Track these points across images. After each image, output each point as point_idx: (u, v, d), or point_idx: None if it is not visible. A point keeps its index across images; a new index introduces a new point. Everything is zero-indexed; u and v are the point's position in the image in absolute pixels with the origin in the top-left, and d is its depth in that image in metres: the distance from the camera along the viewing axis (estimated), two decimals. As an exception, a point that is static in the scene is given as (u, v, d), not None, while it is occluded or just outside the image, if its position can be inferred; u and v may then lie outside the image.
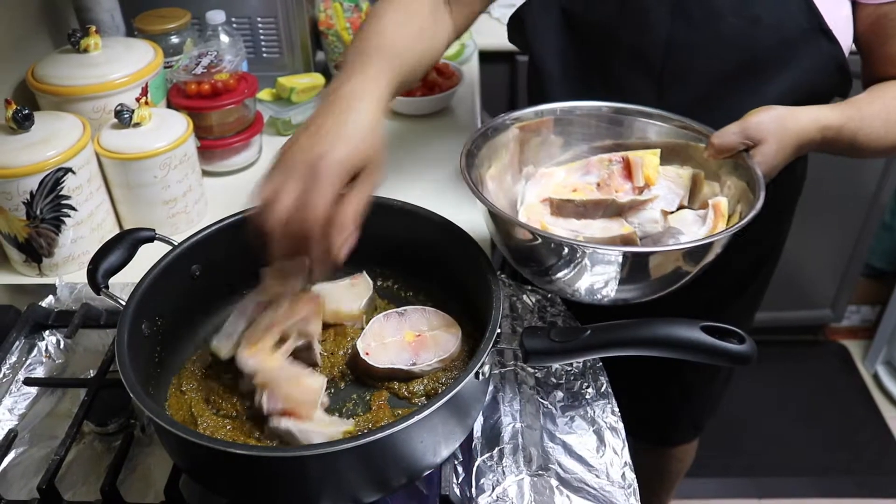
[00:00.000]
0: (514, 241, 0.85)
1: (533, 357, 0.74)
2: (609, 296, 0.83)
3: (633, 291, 0.84)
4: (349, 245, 0.72)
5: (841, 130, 0.88)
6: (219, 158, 1.30)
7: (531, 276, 0.88)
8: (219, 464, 0.69)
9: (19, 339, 0.95)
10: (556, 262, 0.81)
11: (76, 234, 1.07)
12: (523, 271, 0.89)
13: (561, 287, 0.85)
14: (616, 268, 0.79)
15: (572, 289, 0.84)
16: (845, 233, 2.24)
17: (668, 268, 0.81)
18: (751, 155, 0.86)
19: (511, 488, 0.78)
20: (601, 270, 0.79)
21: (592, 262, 0.78)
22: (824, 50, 0.92)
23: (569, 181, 0.95)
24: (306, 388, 0.75)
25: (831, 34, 0.91)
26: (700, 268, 0.83)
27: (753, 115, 0.87)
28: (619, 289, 0.82)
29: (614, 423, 0.85)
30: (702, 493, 2.08)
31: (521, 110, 0.97)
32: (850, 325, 2.55)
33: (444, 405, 0.67)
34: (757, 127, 0.86)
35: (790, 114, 0.87)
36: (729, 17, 0.92)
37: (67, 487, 0.79)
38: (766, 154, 0.86)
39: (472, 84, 1.56)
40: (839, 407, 2.33)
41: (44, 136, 1.02)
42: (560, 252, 0.79)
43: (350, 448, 0.63)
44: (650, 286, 0.83)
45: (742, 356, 0.69)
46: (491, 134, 0.94)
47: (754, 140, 0.86)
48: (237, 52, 1.33)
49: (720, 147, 0.88)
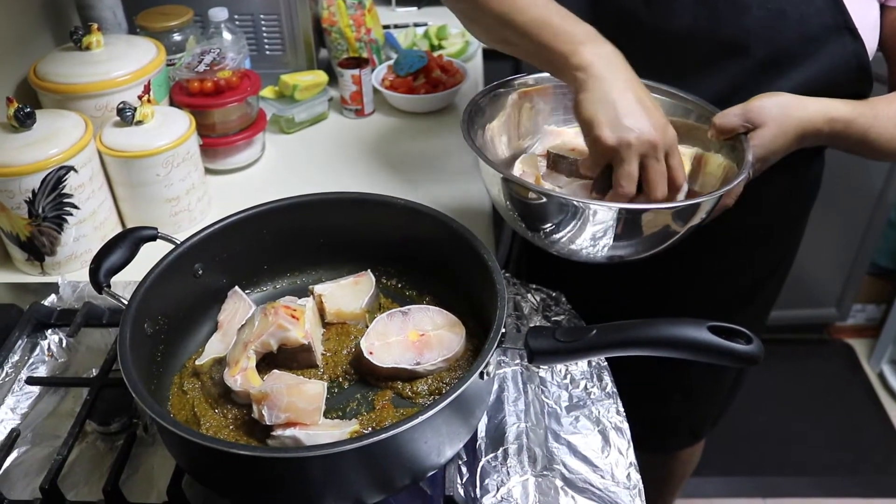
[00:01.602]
0: (510, 196, 0.88)
1: (538, 357, 0.73)
2: (599, 252, 0.86)
3: (621, 249, 0.86)
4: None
5: (850, 125, 0.88)
6: (221, 156, 1.30)
7: (526, 231, 0.91)
8: (221, 464, 0.68)
9: (22, 338, 0.95)
10: (546, 216, 0.84)
11: (78, 232, 1.07)
12: (518, 227, 0.91)
13: (553, 242, 0.88)
14: (604, 226, 0.81)
15: (563, 244, 0.87)
16: (851, 231, 2.23)
17: (658, 224, 0.84)
18: (748, 138, 0.87)
19: (516, 489, 0.77)
20: (591, 228, 0.82)
21: (578, 216, 0.82)
22: (848, 47, 0.91)
23: (575, 141, 0.96)
24: (308, 395, 0.74)
25: (856, 32, 0.90)
26: (687, 228, 0.85)
27: (758, 98, 0.87)
28: (611, 245, 0.84)
29: (619, 424, 0.84)
30: (705, 493, 2.07)
31: (527, 76, 1.01)
32: (856, 324, 2.54)
33: (449, 405, 0.66)
34: (759, 111, 0.87)
35: (797, 102, 0.87)
36: (754, 8, 0.92)
37: (70, 487, 0.78)
38: (764, 138, 0.86)
39: (475, 81, 1.55)
40: (844, 406, 2.32)
41: (46, 135, 1.02)
42: (548, 206, 0.83)
43: (353, 448, 0.63)
44: (640, 244, 0.85)
45: (749, 356, 0.68)
46: (494, 96, 0.99)
47: (754, 123, 0.87)
48: (240, 49, 1.33)
49: (721, 127, 0.89)
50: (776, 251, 1.19)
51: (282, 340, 0.81)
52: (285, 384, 0.74)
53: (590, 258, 0.89)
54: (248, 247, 0.91)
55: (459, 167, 1.29)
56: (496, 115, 1.00)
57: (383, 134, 1.41)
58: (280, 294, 0.94)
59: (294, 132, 1.43)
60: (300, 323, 0.82)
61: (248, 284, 0.93)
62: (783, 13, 0.91)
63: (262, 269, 0.94)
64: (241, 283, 0.91)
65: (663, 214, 0.83)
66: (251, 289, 0.94)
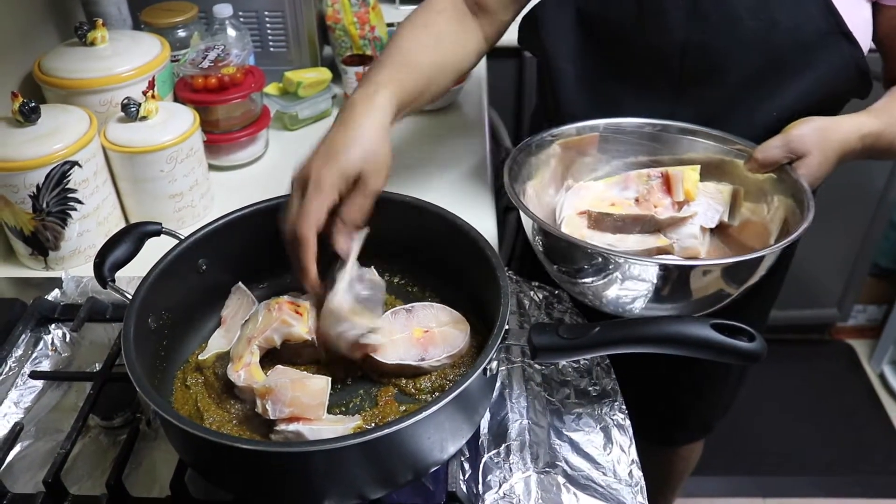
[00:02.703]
0: (558, 255, 0.87)
1: (541, 354, 0.73)
2: (636, 308, 0.84)
3: (667, 310, 0.84)
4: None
5: (880, 137, 0.88)
6: (225, 153, 1.30)
7: (559, 272, 0.89)
8: (225, 459, 0.68)
9: (25, 333, 0.95)
10: (598, 276, 0.81)
11: (82, 227, 1.07)
12: (551, 268, 0.90)
13: (586, 290, 0.86)
14: (651, 283, 0.79)
15: (600, 294, 0.85)
16: (852, 231, 2.22)
17: (710, 287, 0.81)
18: (794, 168, 0.86)
19: (518, 485, 0.77)
20: (636, 284, 0.80)
21: (629, 275, 0.79)
22: (844, 52, 0.91)
23: (607, 195, 0.95)
24: (312, 390, 0.74)
25: (851, 36, 0.90)
26: (744, 288, 0.83)
27: (795, 127, 0.86)
28: (655, 307, 0.82)
29: (621, 421, 0.84)
30: (706, 492, 2.07)
31: (563, 126, 0.98)
32: (857, 325, 2.54)
33: (452, 401, 0.66)
34: (800, 140, 0.86)
35: (832, 124, 0.87)
36: (746, 19, 0.91)
37: (73, 481, 0.78)
38: (811, 166, 0.86)
39: (479, 81, 1.55)
40: (845, 407, 2.32)
41: (50, 130, 1.02)
42: (604, 265, 0.80)
43: (357, 444, 0.63)
44: (689, 306, 0.83)
45: (752, 354, 0.69)
46: (534, 150, 0.96)
47: (797, 153, 0.86)
48: (244, 46, 1.33)
49: (764, 161, 0.88)
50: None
51: (286, 336, 0.81)
52: (290, 378, 0.75)
53: (622, 311, 0.86)
54: (251, 243, 0.91)
55: (462, 164, 1.29)
56: (533, 176, 0.97)
57: (386, 131, 1.41)
58: (283, 290, 0.94)
59: (298, 129, 1.43)
60: (304, 318, 0.82)
61: (252, 280, 0.93)
62: (776, 23, 0.91)
63: (265, 265, 0.94)
64: (244, 278, 0.91)
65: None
66: (254, 284, 0.94)
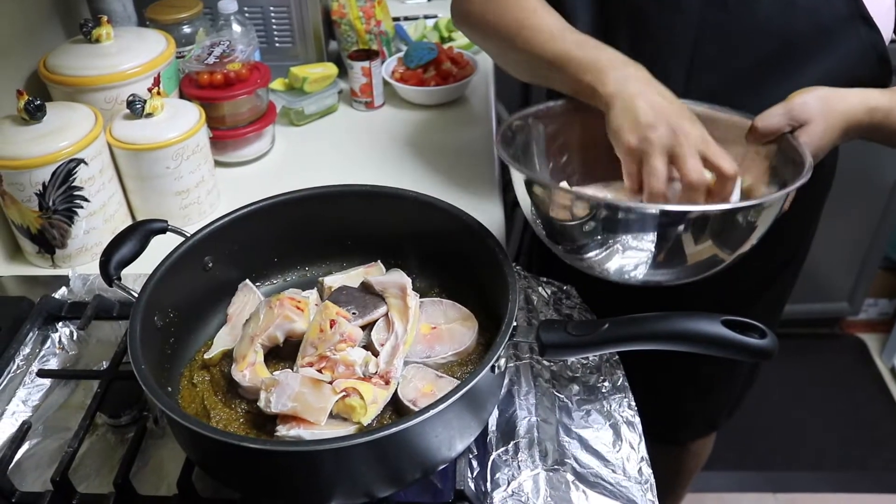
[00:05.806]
0: (551, 214, 0.84)
1: (550, 351, 0.73)
2: (639, 275, 0.82)
3: (665, 274, 0.82)
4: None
5: (890, 114, 0.85)
6: (231, 149, 1.30)
7: (564, 251, 0.87)
8: (232, 457, 0.68)
9: (33, 331, 0.95)
10: (598, 238, 0.80)
11: (89, 225, 1.07)
12: (555, 248, 0.88)
13: (593, 263, 0.84)
14: (651, 240, 0.77)
15: (604, 266, 0.83)
16: (863, 225, 2.21)
17: (705, 253, 0.79)
18: (796, 136, 0.84)
19: (526, 483, 0.77)
20: (636, 242, 0.78)
21: (628, 224, 0.77)
22: (864, 37, 0.89)
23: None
24: (321, 393, 0.72)
25: (871, 21, 0.88)
26: (736, 255, 0.81)
27: (797, 95, 0.84)
28: (655, 273, 0.81)
29: (631, 418, 0.84)
30: (716, 487, 2.07)
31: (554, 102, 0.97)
32: (868, 319, 2.52)
33: (460, 399, 0.66)
34: (802, 107, 0.83)
35: (836, 94, 0.84)
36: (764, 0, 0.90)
37: (81, 479, 0.78)
38: (813, 134, 0.83)
39: (486, 74, 1.54)
40: (855, 401, 2.31)
41: (56, 127, 1.02)
42: (600, 217, 0.78)
43: (364, 442, 0.62)
44: (685, 271, 0.81)
45: (763, 351, 0.68)
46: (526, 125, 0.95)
47: (799, 121, 0.83)
48: (249, 41, 1.32)
49: (764, 129, 0.85)
50: (790, 244, 1.18)
51: (288, 332, 0.81)
52: (301, 374, 0.74)
53: (627, 277, 0.84)
54: (257, 239, 0.90)
55: (469, 158, 1.29)
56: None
57: (393, 126, 1.40)
58: (290, 287, 0.93)
59: (304, 125, 1.42)
60: (305, 314, 0.81)
61: (258, 277, 0.93)
62: (794, 4, 0.89)
63: (271, 261, 0.94)
64: (251, 275, 0.91)
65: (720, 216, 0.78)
66: (261, 281, 0.93)
